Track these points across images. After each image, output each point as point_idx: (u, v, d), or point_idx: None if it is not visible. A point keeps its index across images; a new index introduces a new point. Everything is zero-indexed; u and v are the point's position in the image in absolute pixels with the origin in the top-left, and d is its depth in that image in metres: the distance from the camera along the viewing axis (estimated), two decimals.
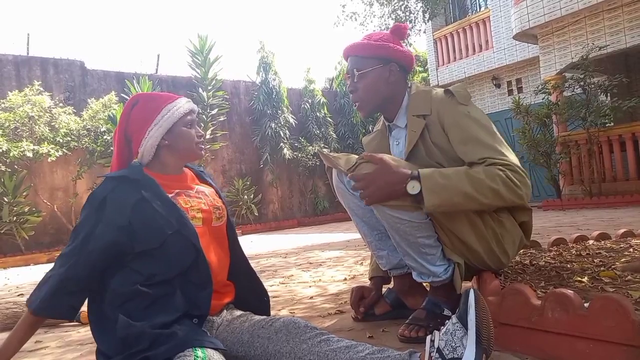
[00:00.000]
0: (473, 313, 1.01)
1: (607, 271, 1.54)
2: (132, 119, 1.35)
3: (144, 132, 1.32)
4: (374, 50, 1.58)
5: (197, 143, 1.37)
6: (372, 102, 1.61)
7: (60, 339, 1.98)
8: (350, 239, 5.73)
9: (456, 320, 1.04)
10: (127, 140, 1.37)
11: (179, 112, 1.34)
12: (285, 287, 2.71)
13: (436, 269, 1.48)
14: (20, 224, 7.22)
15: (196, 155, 1.39)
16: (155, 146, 1.33)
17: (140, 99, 1.37)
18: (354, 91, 1.62)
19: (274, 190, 10.95)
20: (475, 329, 1.00)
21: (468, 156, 1.43)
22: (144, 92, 1.43)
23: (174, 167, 1.38)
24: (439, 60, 11.81)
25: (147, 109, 1.34)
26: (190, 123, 1.37)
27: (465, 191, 1.33)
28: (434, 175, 1.35)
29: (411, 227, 1.42)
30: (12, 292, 3.73)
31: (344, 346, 1.10)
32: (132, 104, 1.36)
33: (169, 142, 1.34)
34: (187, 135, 1.35)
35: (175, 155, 1.36)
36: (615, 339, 1.04)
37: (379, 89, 1.59)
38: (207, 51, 9.79)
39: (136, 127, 1.34)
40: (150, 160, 1.35)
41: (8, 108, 7.12)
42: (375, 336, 1.54)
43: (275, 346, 1.16)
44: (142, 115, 1.33)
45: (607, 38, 7.56)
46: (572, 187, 7.97)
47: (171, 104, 1.35)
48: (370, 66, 1.57)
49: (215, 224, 1.37)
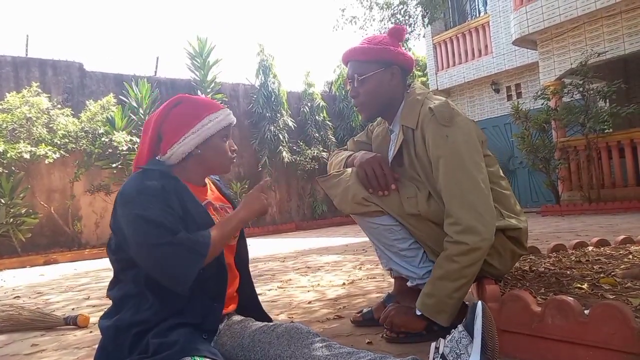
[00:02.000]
0: (480, 322, 1.02)
1: (606, 278, 1.53)
2: (170, 119, 1.30)
3: (178, 137, 1.27)
4: (375, 54, 1.57)
5: (229, 158, 1.34)
6: (375, 106, 1.61)
7: (57, 342, 1.96)
8: (349, 243, 5.71)
9: (462, 329, 1.04)
10: (159, 137, 1.32)
11: (220, 124, 1.30)
12: (283, 292, 2.70)
13: (419, 271, 1.53)
14: (16, 225, 7.20)
15: (224, 170, 1.35)
16: (186, 153, 1.28)
17: (183, 101, 1.32)
18: (356, 96, 1.61)
19: (272, 193, 10.93)
20: (481, 338, 1.00)
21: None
22: (189, 95, 1.37)
23: (197, 177, 1.34)
24: (438, 65, 11.83)
25: (188, 113, 1.29)
26: (226, 135, 1.33)
27: (453, 289, 1.39)
28: (425, 303, 1.42)
29: (385, 231, 1.53)
30: (8, 294, 3.71)
31: (346, 352, 1.09)
32: (174, 103, 1.31)
33: (201, 152, 1.29)
34: (221, 149, 1.32)
35: (202, 166, 1.32)
36: (615, 346, 1.03)
37: (381, 93, 1.58)
38: (206, 54, 9.80)
39: (172, 128, 1.29)
40: (176, 164, 1.30)
41: (6, 109, 7.11)
42: (374, 342, 1.53)
43: (276, 350, 1.15)
44: (182, 118, 1.29)
45: (606, 44, 7.59)
46: (570, 193, 7.98)
47: (214, 115, 1.30)
48: (371, 70, 1.56)
49: (231, 242, 1.38)
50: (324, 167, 10.83)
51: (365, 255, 4.14)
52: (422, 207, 1.48)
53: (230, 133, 1.35)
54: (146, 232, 1.13)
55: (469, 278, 1.39)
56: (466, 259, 1.36)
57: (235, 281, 1.40)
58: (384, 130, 1.74)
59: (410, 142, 1.54)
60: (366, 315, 1.75)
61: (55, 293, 3.54)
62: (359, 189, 1.52)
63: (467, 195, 1.39)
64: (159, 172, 1.24)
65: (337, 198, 1.56)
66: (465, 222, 1.36)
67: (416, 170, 1.54)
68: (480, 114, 11.16)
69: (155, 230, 1.12)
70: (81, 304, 2.90)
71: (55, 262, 6.84)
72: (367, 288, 2.56)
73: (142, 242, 1.13)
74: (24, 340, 2.05)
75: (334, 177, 1.61)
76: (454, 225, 1.38)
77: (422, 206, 1.48)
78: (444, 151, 1.43)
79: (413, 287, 1.57)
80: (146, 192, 1.17)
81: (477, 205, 1.38)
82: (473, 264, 1.37)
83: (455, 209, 1.39)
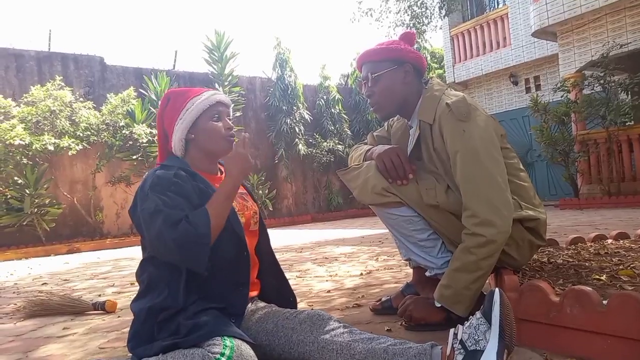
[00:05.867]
0: (498, 309, 1.05)
1: (625, 270, 1.54)
2: (165, 115, 1.39)
3: (172, 127, 1.35)
4: (387, 53, 1.60)
5: (224, 137, 1.36)
6: (390, 104, 1.63)
7: (87, 326, 2.05)
8: (365, 235, 5.75)
9: (480, 316, 1.07)
10: (165, 136, 1.41)
11: (202, 104, 1.34)
12: (301, 281, 2.75)
13: (437, 261, 1.56)
14: (41, 215, 7.39)
15: (224, 150, 1.37)
16: (183, 140, 1.35)
17: (171, 96, 1.39)
18: (371, 95, 1.63)
19: (288, 185, 11.00)
20: (499, 325, 1.03)
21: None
22: (176, 89, 1.44)
23: (204, 164, 1.38)
24: (455, 57, 11.72)
25: (176, 104, 1.37)
26: (217, 115, 1.36)
27: (470, 280, 1.41)
28: (443, 294, 1.44)
29: (404, 222, 1.56)
30: (36, 281, 3.84)
31: (366, 337, 1.13)
32: (166, 100, 1.40)
33: (195, 136, 1.35)
34: (212, 129, 1.34)
35: (202, 149, 1.36)
36: (633, 335, 1.05)
37: (396, 91, 1.60)
38: (223, 47, 9.86)
39: (168, 122, 1.37)
40: (184, 155, 1.37)
41: (30, 102, 7.28)
42: (393, 329, 1.57)
43: (299, 336, 1.19)
44: (172, 111, 1.36)
45: (628, 36, 7.43)
46: (590, 186, 7.87)
47: (197, 97, 1.35)
48: (385, 68, 1.59)
49: (252, 227, 1.42)
50: (340, 159, 10.86)
51: (381, 247, 4.17)
52: (440, 199, 1.51)
53: (224, 112, 1.37)
54: (156, 224, 1.18)
55: (486, 270, 1.42)
56: (483, 251, 1.39)
57: (255, 268, 1.43)
58: (403, 126, 1.77)
59: (428, 137, 1.56)
60: (385, 304, 1.79)
61: (79, 280, 3.66)
62: (379, 179, 1.55)
63: (484, 189, 1.41)
64: (177, 167, 1.30)
65: (357, 190, 1.60)
66: (483, 215, 1.39)
67: (435, 165, 1.57)
68: (498, 107, 11.03)
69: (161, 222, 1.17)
70: (105, 291, 2.99)
71: (78, 251, 7.02)
72: (384, 278, 2.60)
73: (154, 235, 1.19)
74: (55, 324, 2.14)
75: (353, 170, 1.64)
76: (471, 218, 1.41)
77: (440, 197, 1.51)
78: (461, 146, 1.45)
79: (432, 276, 1.60)
80: (159, 184, 1.23)
81: (494, 198, 1.40)
82: (490, 256, 1.40)
83: (472, 202, 1.42)
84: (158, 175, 1.26)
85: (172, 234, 1.15)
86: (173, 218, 1.17)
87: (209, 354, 1.05)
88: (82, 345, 1.74)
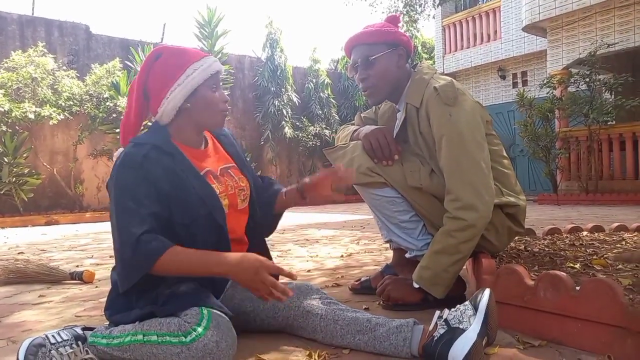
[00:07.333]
0: (486, 301, 1.09)
1: (599, 259, 1.59)
2: (153, 73, 1.22)
3: (165, 92, 1.20)
4: (382, 36, 1.57)
5: (221, 110, 1.26)
6: (384, 88, 1.60)
7: (63, 295, 2.03)
8: (347, 220, 5.79)
9: (468, 304, 1.11)
10: (146, 96, 1.25)
11: (206, 72, 1.21)
12: (283, 260, 2.76)
13: (417, 243, 1.59)
14: (19, 185, 7.25)
15: (216, 124, 1.28)
16: (177, 108, 1.21)
17: (164, 52, 1.24)
18: (365, 79, 1.59)
19: (273, 168, 10.97)
20: (484, 313, 1.07)
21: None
22: (169, 45, 1.28)
23: (192, 135, 1.27)
24: (446, 48, 11.73)
25: (172, 64, 1.21)
26: (215, 85, 1.25)
27: (449, 263, 1.44)
28: (422, 275, 1.47)
29: (387, 202, 1.57)
30: (12, 249, 3.78)
31: (350, 309, 1.15)
32: (155, 56, 1.23)
33: (191, 105, 1.22)
34: (211, 100, 1.23)
35: (193, 120, 1.24)
36: (603, 319, 1.09)
37: (390, 74, 1.59)
38: (214, 24, 9.70)
39: (157, 84, 1.21)
40: (169, 122, 1.24)
41: (11, 68, 7.07)
42: (371, 308, 1.59)
43: (286, 301, 1.20)
44: (166, 71, 1.21)
45: (616, 36, 7.53)
46: (568, 183, 8.03)
47: (198, 63, 1.22)
48: (381, 51, 1.57)
49: (240, 207, 1.31)
50: (326, 144, 10.84)
51: (363, 232, 4.20)
52: (424, 181, 1.52)
53: (219, 83, 1.27)
54: (113, 220, 1.13)
55: (465, 253, 1.45)
56: (463, 235, 1.41)
57: (243, 248, 1.37)
58: (391, 108, 1.77)
59: (414, 120, 1.57)
60: (364, 284, 1.81)
61: (57, 251, 3.61)
62: (365, 159, 1.56)
63: (467, 174, 1.43)
64: (151, 146, 1.18)
65: None
66: (465, 199, 1.41)
67: (420, 148, 1.58)
68: (485, 100, 11.12)
69: (119, 221, 1.11)
70: (83, 262, 2.96)
71: (57, 223, 6.91)
72: (364, 261, 2.62)
73: (112, 224, 1.14)
74: (30, 291, 2.12)
75: (340, 149, 1.65)
76: (454, 201, 1.43)
77: (424, 180, 1.52)
78: (447, 130, 1.46)
79: (411, 258, 1.63)
80: (126, 166, 1.15)
81: (477, 183, 1.42)
82: (470, 240, 1.42)
83: (455, 186, 1.43)
84: (127, 153, 1.16)
85: (120, 239, 1.10)
86: (130, 227, 1.08)
87: (185, 323, 1.05)
88: (58, 313, 1.72)
